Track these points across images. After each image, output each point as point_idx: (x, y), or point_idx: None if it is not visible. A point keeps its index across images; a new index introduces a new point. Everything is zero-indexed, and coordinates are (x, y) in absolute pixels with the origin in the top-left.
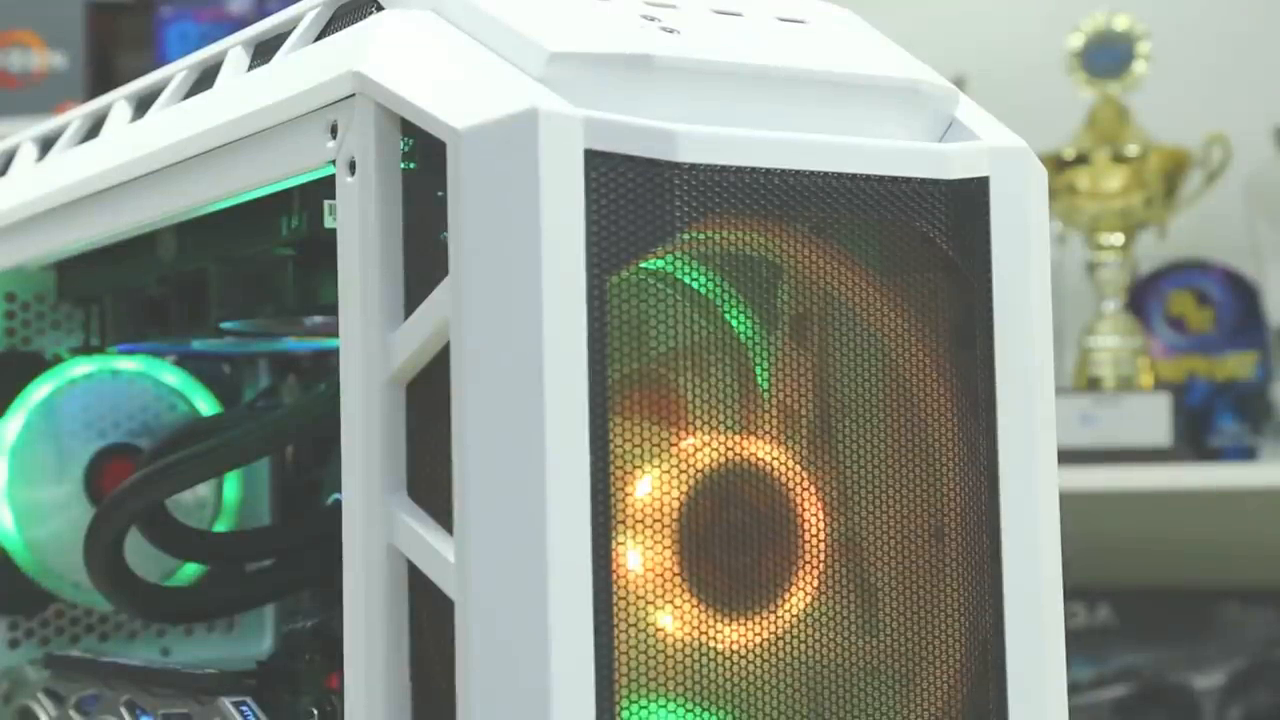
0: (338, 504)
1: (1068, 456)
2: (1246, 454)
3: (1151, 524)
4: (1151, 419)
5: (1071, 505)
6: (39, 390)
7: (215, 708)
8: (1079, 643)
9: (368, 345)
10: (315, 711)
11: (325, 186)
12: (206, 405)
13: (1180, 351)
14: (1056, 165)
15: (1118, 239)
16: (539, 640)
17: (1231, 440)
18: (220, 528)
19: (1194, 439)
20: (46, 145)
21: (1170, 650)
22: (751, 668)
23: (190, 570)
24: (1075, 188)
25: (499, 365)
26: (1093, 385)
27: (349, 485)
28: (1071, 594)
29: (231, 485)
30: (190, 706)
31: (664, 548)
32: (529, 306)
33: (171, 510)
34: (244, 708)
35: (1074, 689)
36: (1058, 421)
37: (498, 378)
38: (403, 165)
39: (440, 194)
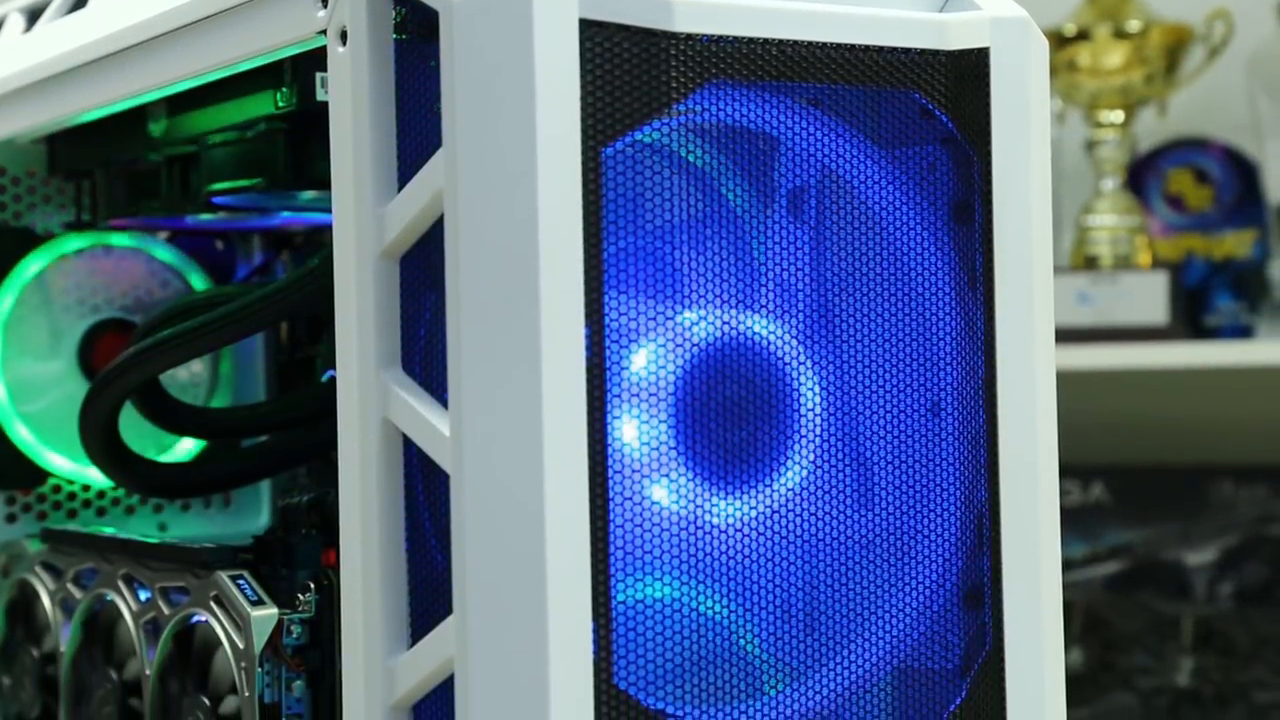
0: (333, 380)
1: (1064, 335)
2: (1243, 332)
3: (1147, 402)
4: (1148, 298)
5: (1067, 384)
6: (31, 266)
7: (212, 582)
8: (1072, 520)
9: (360, 219)
10: (312, 586)
11: (317, 58)
12: (199, 281)
13: (1178, 230)
14: (1057, 41)
15: (1117, 116)
16: (534, 513)
17: (1228, 319)
18: (216, 405)
19: (1191, 318)
20: (34, 16)
21: (1163, 527)
22: (746, 542)
23: (186, 448)
24: (1075, 64)
25: (493, 237)
26: (1090, 264)
27: (343, 360)
28: (1065, 472)
29: (226, 362)
30: (187, 580)
31: (659, 422)
32: (523, 178)
33: (166, 387)
34: (241, 581)
35: (1067, 566)
36: (1054, 301)
37: (492, 250)
38: (395, 36)
39: (433, 65)
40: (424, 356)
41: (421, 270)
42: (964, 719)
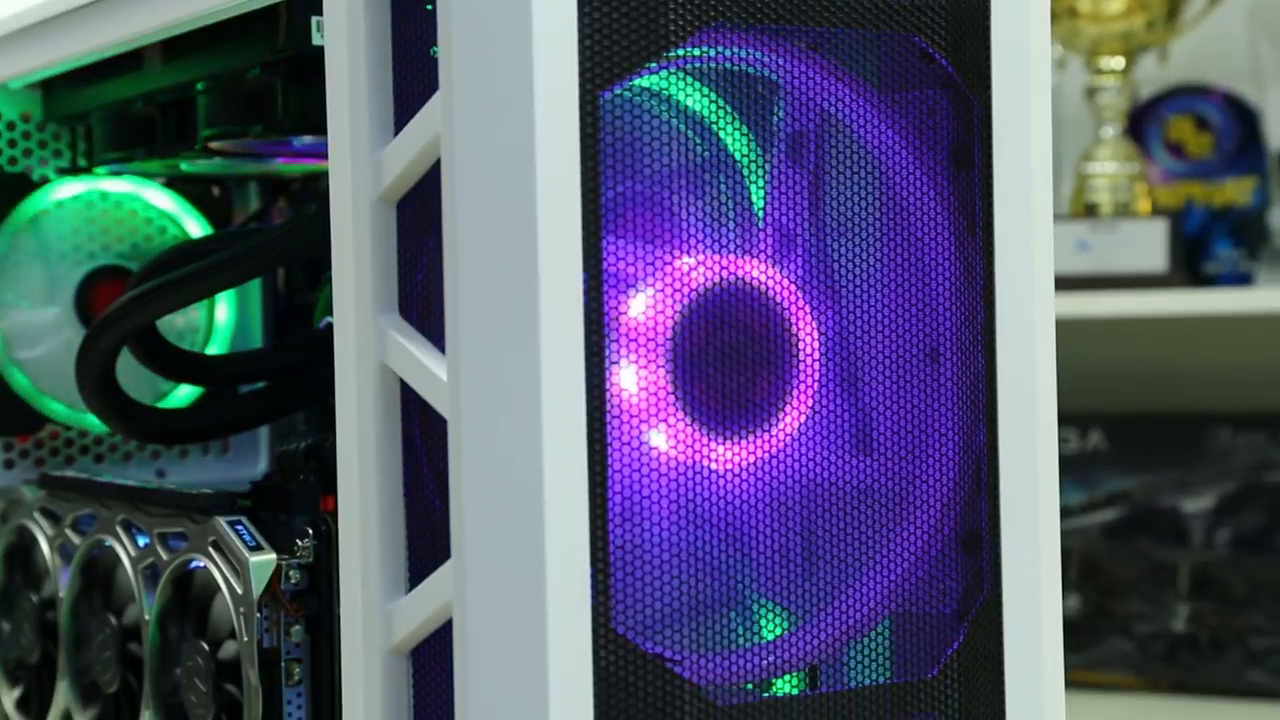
0: (330, 327)
1: (1063, 283)
2: (1242, 280)
3: (1145, 350)
4: (1148, 245)
5: (1066, 331)
6: (26, 212)
7: (210, 527)
8: (1070, 468)
9: (357, 163)
10: (310, 531)
11: (313, 2)
12: (196, 227)
13: (1178, 177)
14: None
15: (1118, 63)
16: (532, 457)
17: (1227, 266)
18: (213, 352)
19: (1190, 265)
20: None
21: (1160, 475)
22: (745, 487)
23: (184, 396)
24: (1076, 10)
25: (490, 182)
26: (1089, 211)
27: (340, 305)
28: (1063, 420)
29: (223, 309)
30: (186, 526)
31: (657, 367)
32: (520, 122)
33: (164, 334)
34: (239, 527)
35: (1064, 513)
36: (1053, 248)
37: (489, 194)
38: None
39: (430, 8)
40: (421, 302)
41: (419, 215)
42: (962, 662)
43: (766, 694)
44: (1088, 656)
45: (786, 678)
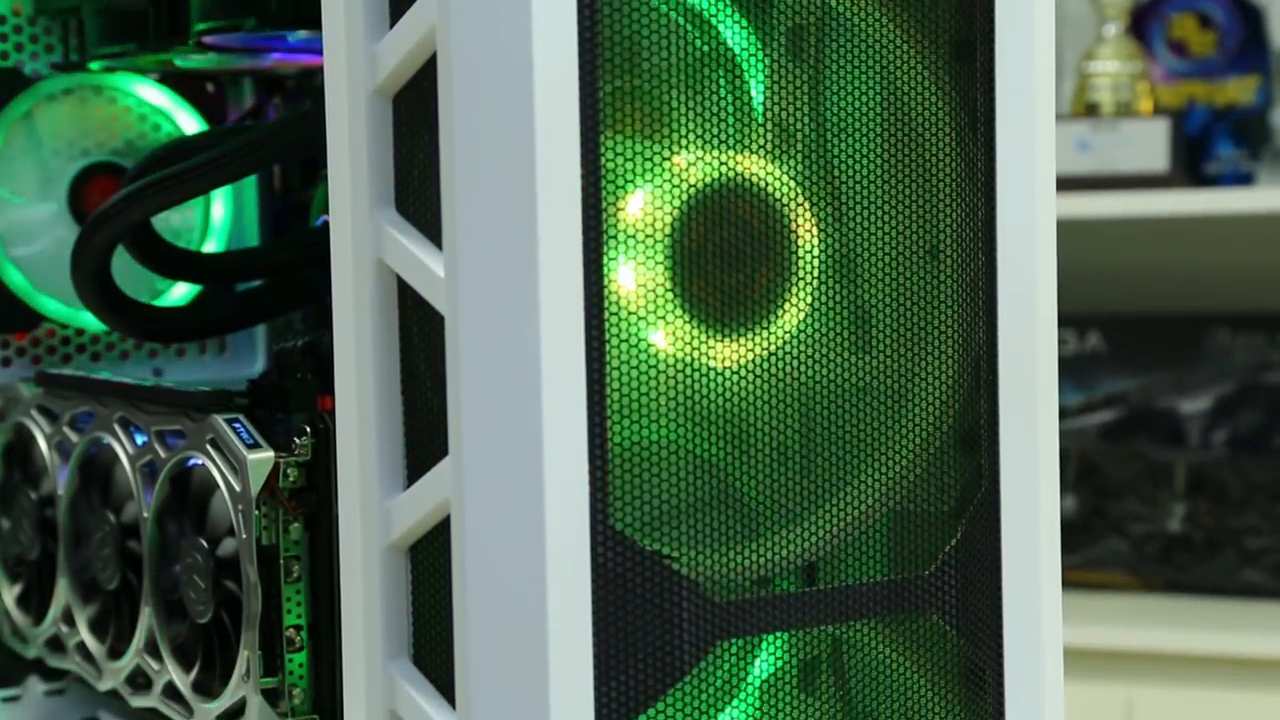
0: (327, 225)
1: (1064, 183)
2: (1243, 180)
3: (1145, 251)
4: (1149, 145)
5: (1065, 232)
6: (18, 107)
7: (208, 425)
8: (1068, 369)
9: (352, 56)
10: (308, 429)
11: None
12: (190, 124)
13: (1180, 76)
14: None
15: None
16: (530, 354)
17: (1229, 166)
18: (209, 250)
19: (1191, 165)
20: None
21: (1158, 376)
22: (743, 385)
23: (181, 295)
24: None
25: (487, 75)
26: (1090, 111)
27: (335, 201)
28: (1062, 321)
29: (219, 208)
30: (183, 424)
31: (656, 264)
32: (518, 14)
33: (159, 232)
34: (237, 425)
35: (1062, 415)
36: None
37: (486, 87)
38: None
39: None
40: (418, 197)
41: (415, 109)
42: (959, 560)
43: (764, 590)
44: (1084, 556)
45: (784, 575)
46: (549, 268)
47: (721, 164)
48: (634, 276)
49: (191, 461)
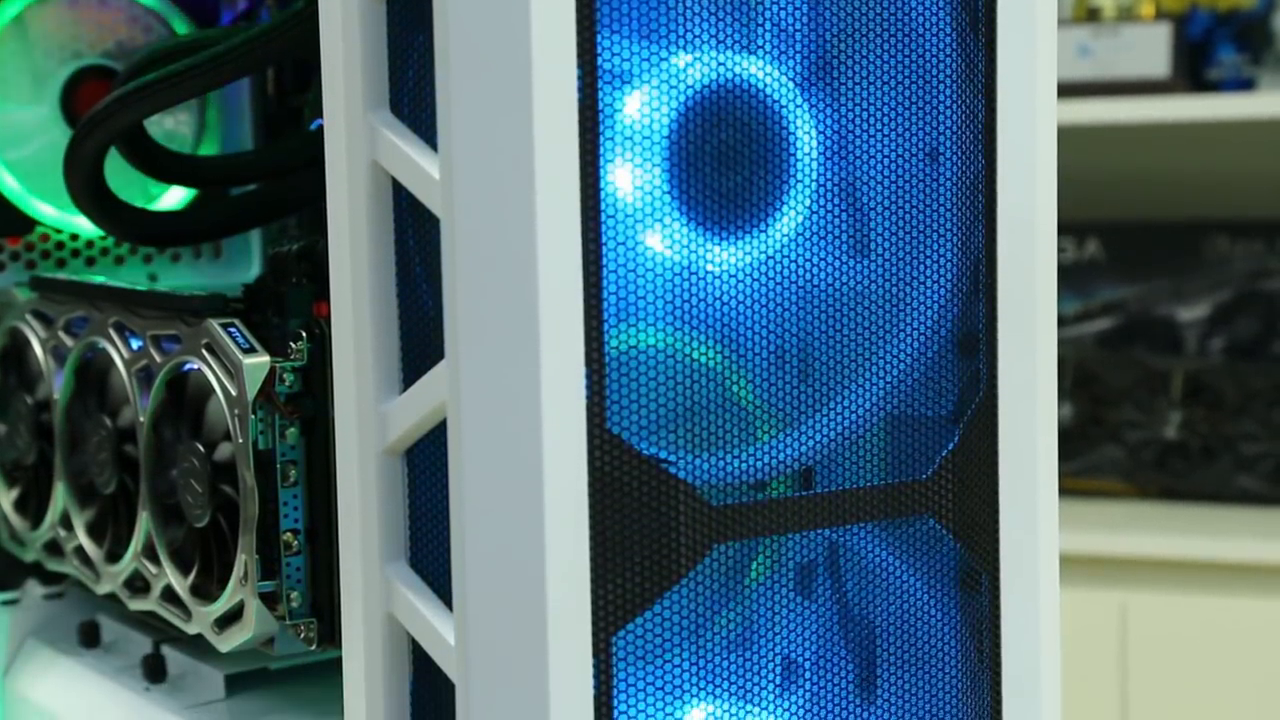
0: (321, 129)
1: (1064, 89)
2: (1245, 85)
3: (1145, 158)
4: (1150, 50)
5: (1066, 138)
6: (9, 8)
7: (203, 329)
8: (1066, 277)
9: None
10: (304, 334)
11: None
12: (183, 26)
13: None
14: None
15: None
16: (526, 258)
17: (1230, 72)
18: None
19: (1192, 71)
20: None
21: (1156, 283)
22: (741, 289)
23: (174, 199)
24: None
25: None
26: (1091, 16)
27: (329, 103)
28: (1060, 229)
29: (213, 111)
30: (178, 328)
31: (653, 166)
32: None
33: (153, 136)
34: (232, 329)
35: (1060, 322)
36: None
37: None
38: None
39: None
40: (413, 98)
41: (409, 9)
42: (956, 465)
43: (761, 495)
44: (1080, 464)
45: (781, 479)
46: (545, 169)
47: (720, 64)
48: (631, 178)
49: (187, 366)
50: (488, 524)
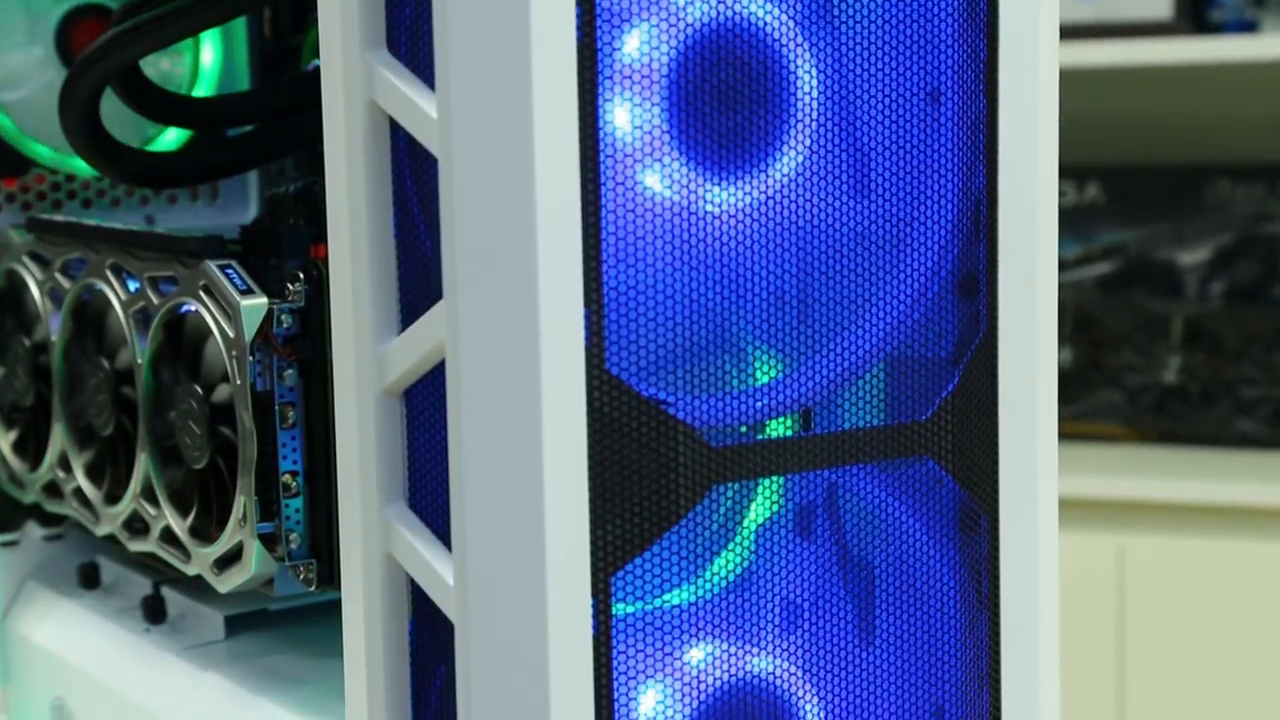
0: (318, 70)
1: (1065, 32)
2: (1247, 27)
3: (1147, 100)
4: None
5: (1067, 81)
6: None
7: (201, 271)
8: (1066, 220)
9: None
10: (301, 275)
11: None
12: None
13: None
14: None
15: None
16: (524, 198)
17: (1233, 14)
18: (199, 95)
19: (1195, 13)
20: None
21: (1157, 227)
22: (740, 229)
23: (171, 141)
24: None
25: None
26: None
27: (326, 42)
28: (1061, 172)
29: (209, 53)
30: (176, 270)
31: (652, 105)
32: None
33: (149, 77)
34: (230, 271)
35: (1060, 266)
36: None
37: None
38: None
39: None
40: (410, 36)
41: None
42: (955, 406)
43: (760, 436)
44: (1079, 408)
45: (780, 420)
46: (543, 108)
47: (720, 3)
48: (630, 118)
49: (185, 308)
50: (487, 465)
